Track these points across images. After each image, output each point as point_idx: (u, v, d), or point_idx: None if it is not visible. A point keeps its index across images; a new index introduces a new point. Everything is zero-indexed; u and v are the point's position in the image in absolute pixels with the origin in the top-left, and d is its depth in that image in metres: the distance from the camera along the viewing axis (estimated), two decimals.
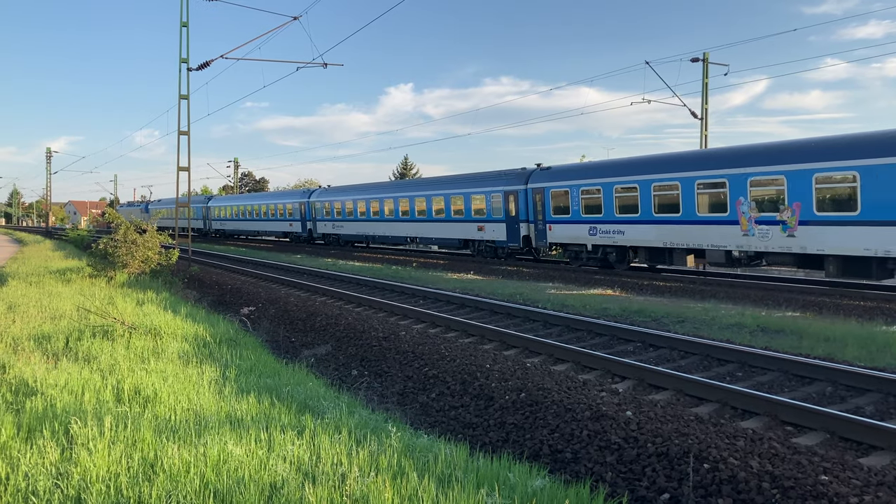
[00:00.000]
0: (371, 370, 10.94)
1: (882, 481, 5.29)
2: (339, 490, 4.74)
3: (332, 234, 42.21)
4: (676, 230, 20.38)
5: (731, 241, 18.87)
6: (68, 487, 4.76)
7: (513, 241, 27.30)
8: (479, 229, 29.08)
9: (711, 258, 19.75)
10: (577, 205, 23.94)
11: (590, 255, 24.00)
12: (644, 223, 21.46)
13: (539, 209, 25.78)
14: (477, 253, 29.96)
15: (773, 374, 9.16)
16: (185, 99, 29.75)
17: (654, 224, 21.12)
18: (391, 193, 36.02)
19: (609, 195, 22.62)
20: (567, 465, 6.58)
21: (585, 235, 23.75)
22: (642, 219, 21.51)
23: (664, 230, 20.78)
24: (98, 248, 23.07)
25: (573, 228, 24.22)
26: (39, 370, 8.53)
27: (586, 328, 12.48)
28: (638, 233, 21.71)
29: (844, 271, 16.78)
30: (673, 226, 20.49)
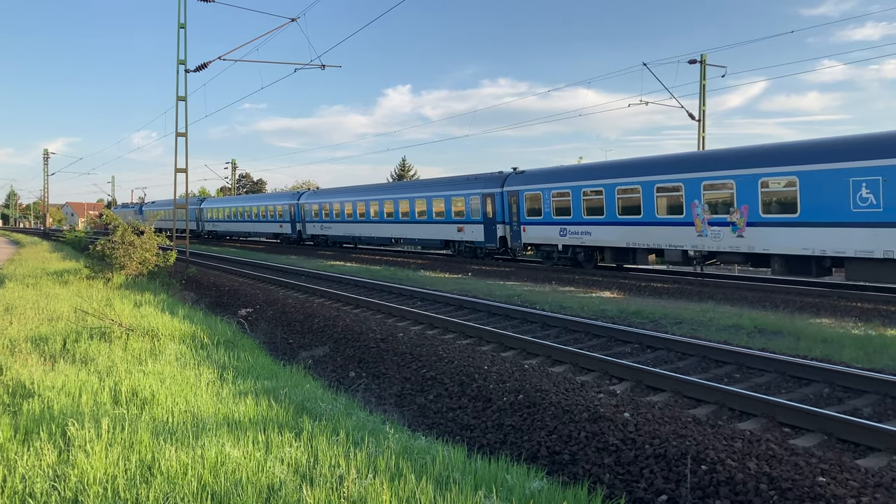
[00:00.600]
0: (369, 372, 10.94)
1: (880, 483, 5.30)
2: (337, 492, 4.73)
3: (320, 236, 43.36)
4: (638, 231, 21.60)
5: (687, 242, 20.05)
6: (65, 489, 4.75)
7: (490, 241, 28.40)
8: (458, 230, 30.25)
9: (669, 257, 20.96)
10: (549, 207, 25.11)
11: (560, 255, 25.14)
12: (609, 224, 22.67)
13: (514, 211, 26.87)
14: (457, 253, 31.09)
15: (771, 375, 9.17)
16: (182, 100, 29.74)
17: (618, 225, 22.35)
18: (376, 196, 37.21)
19: (577, 198, 23.83)
20: (565, 466, 6.58)
21: (556, 236, 24.90)
22: (607, 220, 22.70)
23: (627, 231, 21.99)
24: (95, 249, 23.03)
25: (545, 230, 25.37)
26: (36, 372, 8.51)
27: (584, 329, 12.48)
28: (604, 233, 22.94)
29: (788, 269, 17.97)
30: (635, 227, 21.71)
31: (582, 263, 24.42)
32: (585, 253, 24.22)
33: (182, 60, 29.39)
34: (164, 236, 26.33)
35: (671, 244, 20.66)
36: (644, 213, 21.40)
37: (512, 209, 27.04)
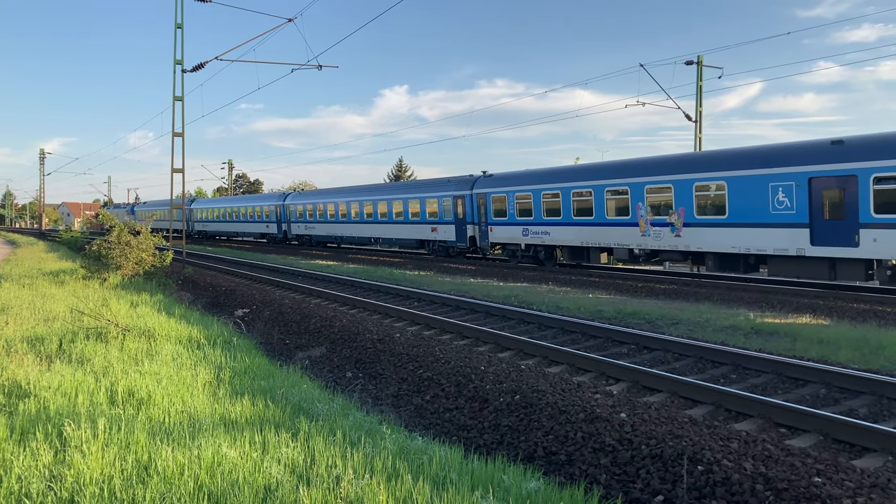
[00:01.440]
0: (366, 372, 10.94)
1: (875, 483, 5.31)
2: (334, 492, 4.73)
3: (304, 235, 45.02)
4: (591, 231, 23.43)
5: (633, 241, 21.84)
6: (62, 490, 4.74)
7: (461, 241, 30.17)
8: (432, 230, 31.96)
9: (618, 255, 22.90)
10: (513, 209, 26.83)
11: (523, 254, 26.92)
12: (566, 225, 24.50)
13: (482, 212, 28.62)
14: (431, 252, 32.73)
15: (767, 376, 9.19)
16: (179, 100, 29.72)
17: (573, 226, 24.19)
18: (357, 197, 38.80)
19: (538, 200, 25.55)
20: (561, 467, 6.58)
21: (519, 236, 26.63)
22: (564, 221, 24.52)
23: (581, 231, 23.82)
24: (92, 249, 22.98)
25: (509, 230, 27.12)
26: (32, 372, 8.50)
27: (581, 330, 12.49)
28: (561, 233, 24.76)
29: (719, 266, 19.80)
30: (588, 227, 23.54)
31: (543, 261, 26.15)
32: (546, 251, 26.00)
33: (179, 60, 29.38)
34: (161, 236, 26.27)
35: (619, 243, 22.44)
36: (595, 214, 23.17)
37: (480, 210, 28.70)
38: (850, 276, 16.91)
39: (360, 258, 34.56)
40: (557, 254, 25.80)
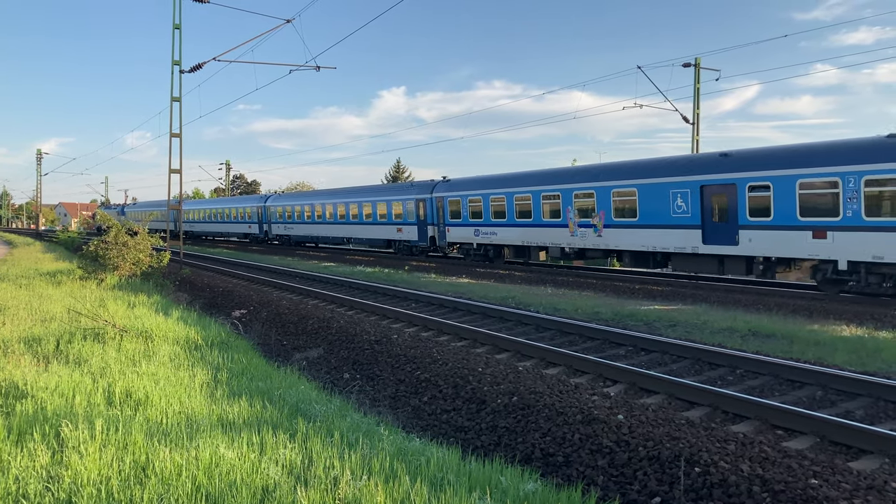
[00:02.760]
0: (363, 373, 10.93)
1: (872, 485, 5.32)
2: (332, 493, 4.74)
3: (284, 235, 47.53)
4: (531, 232, 26.16)
5: (564, 241, 24.58)
6: (59, 491, 4.73)
7: (422, 240, 32.69)
8: (398, 231, 34.51)
9: (552, 253, 25.75)
10: (466, 211, 29.58)
11: (475, 252, 29.63)
12: (510, 226, 27.19)
13: (440, 215, 31.23)
14: (397, 251, 35.16)
15: (764, 378, 9.21)
16: (177, 101, 29.71)
17: (516, 227, 26.91)
18: (332, 199, 41.41)
19: (487, 204, 28.26)
20: (559, 468, 6.59)
21: (472, 236, 29.42)
22: (509, 223, 27.20)
23: (523, 232, 26.54)
24: (89, 250, 22.95)
25: (463, 230, 29.91)
26: (30, 373, 8.48)
27: (578, 332, 12.50)
28: (507, 234, 27.48)
29: (634, 263, 22.52)
30: (528, 228, 26.25)
31: (493, 259, 28.96)
32: (494, 250, 28.81)
33: (177, 61, 29.36)
34: (158, 237, 26.28)
35: (553, 242, 25.18)
36: (534, 217, 25.87)
37: (439, 213, 31.31)
38: (734, 272, 19.43)
39: (331, 256, 36.94)
40: (505, 252, 28.52)
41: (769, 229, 18.15)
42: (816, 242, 17.19)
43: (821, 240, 17.11)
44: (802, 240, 17.45)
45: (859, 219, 16.33)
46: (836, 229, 16.77)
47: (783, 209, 17.81)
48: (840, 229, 16.71)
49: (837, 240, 16.80)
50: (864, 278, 16.69)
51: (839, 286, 17.48)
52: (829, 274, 17.28)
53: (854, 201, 16.42)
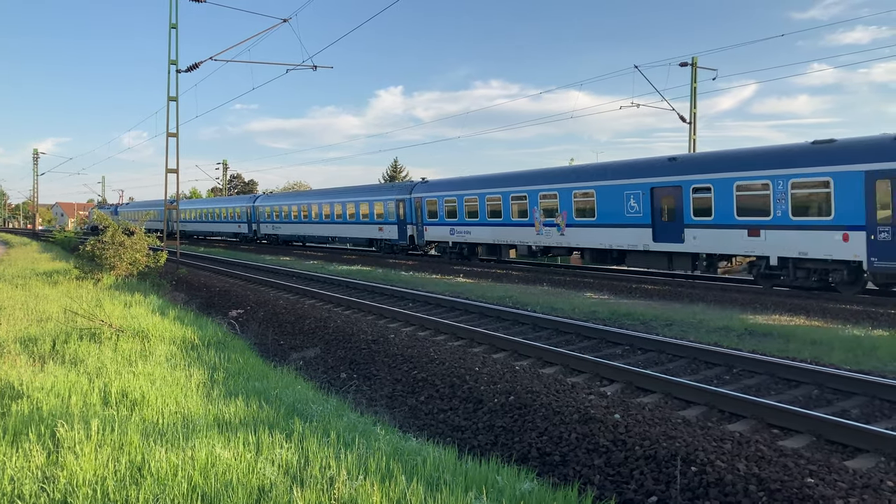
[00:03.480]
0: (360, 373, 10.93)
1: (867, 484, 5.33)
2: (328, 493, 4.73)
3: (272, 234, 48.99)
4: (501, 231, 27.74)
5: (531, 239, 26.12)
6: (54, 491, 4.72)
7: (402, 239, 34.11)
8: (379, 230, 35.89)
9: (520, 251, 27.38)
10: (442, 211, 31.04)
11: (451, 250, 31.08)
12: (483, 225, 28.75)
13: (419, 214, 32.68)
14: (379, 249, 36.66)
15: (761, 377, 9.22)
16: (173, 101, 29.67)
17: (488, 226, 28.44)
18: (317, 200, 43.10)
19: (461, 204, 29.79)
20: (555, 467, 6.59)
21: (448, 235, 30.87)
22: (481, 222, 28.77)
23: (494, 231, 28.15)
24: (85, 250, 22.90)
25: (440, 229, 31.38)
26: (25, 373, 8.47)
27: (575, 331, 12.51)
28: (480, 233, 29.05)
29: (593, 259, 24.18)
30: (499, 227, 27.83)
31: (468, 257, 30.45)
32: (468, 248, 30.34)
33: (173, 61, 29.33)
34: (155, 237, 26.28)
35: (521, 241, 26.73)
36: (504, 216, 27.40)
37: (417, 213, 32.72)
38: (681, 267, 21.00)
39: (316, 255, 38.26)
40: (478, 250, 30.11)
41: (710, 228, 19.63)
42: (751, 240, 18.64)
43: (755, 237, 18.57)
44: (739, 237, 18.89)
45: (787, 218, 17.80)
46: (768, 228, 18.22)
47: (722, 209, 19.25)
48: (771, 228, 18.16)
49: (769, 237, 18.26)
50: (793, 273, 18.03)
51: (773, 280, 18.70)
52: (763, 269, 18.66)
53: (783, 202, 17.91)
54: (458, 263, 29.38)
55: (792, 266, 17.99)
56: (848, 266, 16.79)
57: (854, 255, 16.51)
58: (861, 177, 16.28)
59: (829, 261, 17.09)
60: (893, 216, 15.81)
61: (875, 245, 16.11)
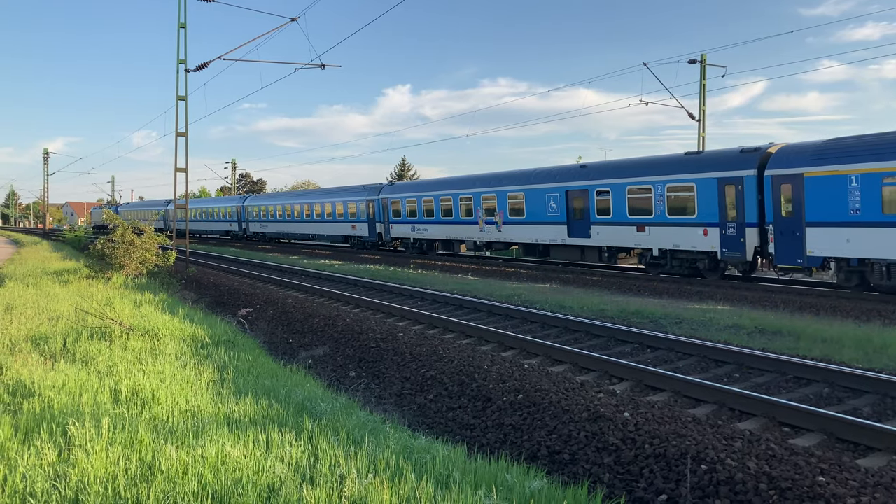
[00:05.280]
0: (369, 371, 10.94)
1: (879, 482, 5.30)
2: (338, 491, 4.74)
3: (260, 233, 52.69)
4: (452, 228, 31.17)
5: (475, 235, 29.59)
6: (66, 489, 4.75)
7: (372, 236, 37.60)
8: (353, 228, 39.37)
9: (468, 246, 30.82)
10: (405, 211, 34.37)
11: (412, 245, 34.66)
12: (438, 224, 32.13)
13: (386, 214, 36.09)
14: (353, 245, 40.26)
15: (771, 375, 9.18)
16: (182, 100, 29.74)
17: (442, 224, 31.83)
18: (299, 200, 46.74)
19: (419, 205, 33.17)
20: (565, 466, 6.58)
21: (409, 232, 34.32)
22: (437, 220, 32.12)
23: (447, 228, 31.59)
24: (95, 249, 23.02)
25: (403, 227, 34.76)
26: (37, 371, 8.52)
27: (584, 329, 12.49)
28: (435, 230, 32.42)
29: (525, 253, 27.84)
30: (451, 225, 31.25)
31: (427, 251, 33.73)
32: (427, 244, 33.70)
33: (182, 60, 29.39)
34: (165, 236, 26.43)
35: (468, 237, 30.16)
36: (454, 215, 30.80)
37: (384, 212, 36.13)
38: (590, 259, 24.24)
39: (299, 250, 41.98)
40: (436, 245, 33.24)
41: (610, 225, 23.01)
42: (639, 235, 22.03)
43: (642, 233, 21.95)
44: (630, 233, 22.28)
45: (664, 217, 21.18)
46: (651, 225, 21.61)
47: (618, 209, 22.64)
48: (653, 225, 21.55)
49: (652, 233, 21.62)
50: (670, 262, 21.30)
51: (657, 269, 21.90)
52: (648, 259, 22.01)
53: (661, 203, 21.29)
54: (418, 258, 32.28)
55: (669, 256, 21.26)
56: (708, 256, 20.13)
57: (711, 246, 19.90)
58: (715, 183, 19.72)
59: (695, 252, 20.46)
60: (737, 215, 19.16)
61: (725, 238, 19.55)
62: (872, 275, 16.44)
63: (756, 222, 18.81)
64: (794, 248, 17.76)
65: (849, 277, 17.07)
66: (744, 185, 18.91)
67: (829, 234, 16.97)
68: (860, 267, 16.74)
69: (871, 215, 16.10)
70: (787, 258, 17.95)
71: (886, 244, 15.85)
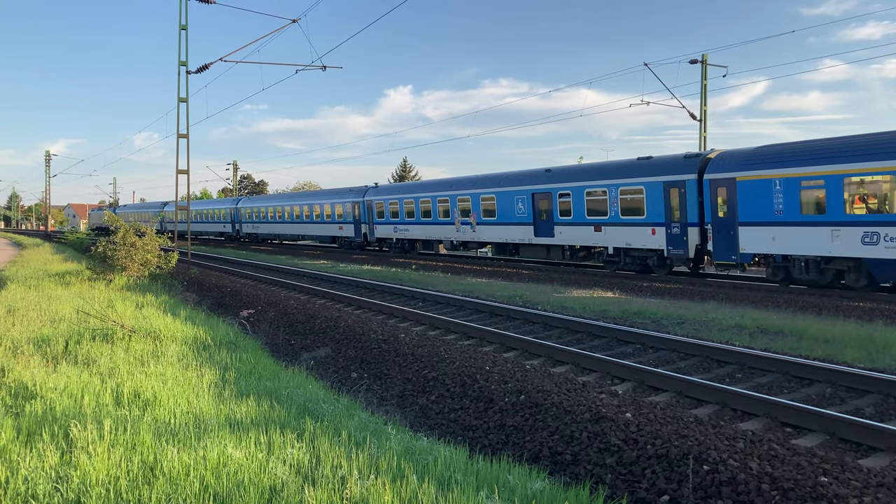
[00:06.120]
0: (370, 372, 10.94)
1: (882, 482, 5.29)
2: (339, 493, 4.74)
3: (252, 233, 54.80)
4: (432, 228, 33.10)
5: (452, 235, 31.46)
6: (68, 491, 4.75)
7: (357, 237, 39.57)
8: (339, 229, 41.37)
9: (445, 245, 32.74)
10: (388, 212, 36.37)
11: (395, 245, 36.63)
12: (418, 224, 34.05)
13: (370, 215, 38.03)
14: (340, 246, 42.21)
15: (773, 375, 9.17)
16: (184, 102, 29.78)
17: (422, 225, 33.79)
18: (289, 202, 48.78)
19: (401, 206, 35.12)
20: (567, 467, 6.57)
21: (392, 232, 36.31)
22: (416, 221, 34.03)
23: (426, 228, 33.55)
24: (97, 251, 23.04)
25: (386, 228, 36.82)
26: (39, 373, 8.52)
27: (586, 330, 12.48)
28: (416, 230, 34.37)
29: (498, 251, 29.93)
30: (429, 226, 33.21)
31: (408, 251, 35.60)
32: (409, 243, 35.59)
33: (183, 62, 29.43)
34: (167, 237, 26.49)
35: (445, 237, 32.02)
36: (433, 217, 32.63)
37: (369, 214, 38.07)
38: (555, 257, 26.04)
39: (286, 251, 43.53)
40: (417, 245, 35.12)
41: (571, 225, 24.78)
42: (597, 234, 23.82)
43: (599, 232, 23.73)
44: (589, 232, 24.08)
45: (618, 217, 22.89)
46: (607, 225, 23.36)
47: (578, 210, 24.42)
48: (608, 225, 23.29)
49: (607, 232, 23.40)
50: (623, 260, 23.10)
51: (614, 266, 23.64)
52: (605, 257, 23.82)
53: (615, 205, 22.99)
54: (400, 256, 34.28)
55: (623, 254, 22.99)
56: (657, 253, 21.77)
57: (659, 245, 21.51)
58: (661, 186, 21.33)
59: (645, 249, 22.08)
60: (680, 216, 20.74)
61: (670, 237, 21.15)
62: (794, 269, 18.12)
63: (697, 222, 20.45)
64: (730, 245, 19.42)
65: (776, 272, 18.74)
66: (686, 188, 20.60)
67: (758, 233, 18.65)
68: (784, 262, 18.36)
69: (792, 216, 17.81)
70: (724, 255, 19.69)
71: (804, 242, 17.59)
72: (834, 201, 16.86)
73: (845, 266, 17.07)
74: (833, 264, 17.31)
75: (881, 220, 16.12)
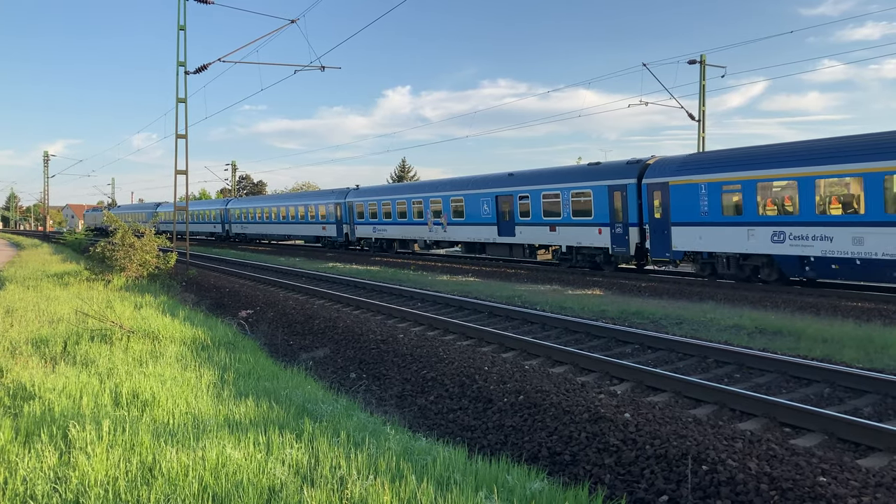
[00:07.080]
0: (369, 373, 10.94)
1: (880, 482, 5.29)
2: (338, 493, 4.74)
3: (241, 233, 56.75)
4: (407, 228, 35.04)
5: (425, 235, 33.45)
6: (66, 491, 4.75)
7: (339, 236, 41.69)
8: (323, 229, 43.44)
9: (420, 245, 34.85)
10: (368, 213, 38.41)
11: (374, 245, 38.66)
12: (395, 224, 36.01)
13: (351, 215, 40.05)
14: (324, 245, 44.15)
15: (772, 375, 9.17)
16: (182, 102, 29.75)
17: (399, 225, 35.77)
18: (276, 203, 50.98)
19: (380, 207, 37.20)
20: (566, 467, 6.57)
21: (371, 232, 38.41)
22: (394, 222, 36.07)
23: (403, 229, 35.49)
24: (95, 251, 23.02)
25: (366, 228, 38.94)
26: (37, 374, 8.52)
27: (584, 330, 12.48)
28: (393, 230, 36.32)
29: (468, 250, 31.64)
30: (406, 226, 35.15)
31: (387, 249, 37.63)
32: (387, 243, 37.63)
33: (182, 62, 29.40)
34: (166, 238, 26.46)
35: (419, 237, 33.97)
36: (408, 217, 34.64)
37: (350, 214, 40.11)
38: (517, 255, 28.08)
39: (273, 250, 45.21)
40: (395, 244, 37.00)
41: (530, 225, 26.69)
42: (552, 234, 25.77)
43: (553, 232, 25.66)
44: (545, 232, 26.02)
45: (570, 218, 24.81)
46: (560, 225, 25.27)
47: (536, 212, 26.30)
48: (561, 225, 25.23)
49: (561, 232, 25.34)
50: (575, 257, 25.02)
51: (567, 262, 25.46)
52: (559, 255, 25.85)
53: (567, 207, 24.96)
54: (378, 255, 36.22)
55: (575, 252, 24.97)
56: (603, 251, 23.73)
57: (605, 243, 23.49)
58: (606, 189, 23.28)
59: (593, 248, 24.05)
60: (623, 217, 22.59)
61: (614, 236, 23.05)
62: (718, 265, 19.93)
63: (637, 223, 22.27)
64: (664, 243, 21.31)
65: (703, 268, 20.65)
66: (627, 191, 22.48)
67: (687, 232, 20.53)
68: (710, 259, 20.25)
69: (715, 217, 19.68)
70: (659, 252, 21.59)
71: (726, 240, 19.43)
72: (749, 204, 18.75)
73: (759, 262, 18.88)
74: (750, 260, 19.12)
75: (786, 220, 17.89)
